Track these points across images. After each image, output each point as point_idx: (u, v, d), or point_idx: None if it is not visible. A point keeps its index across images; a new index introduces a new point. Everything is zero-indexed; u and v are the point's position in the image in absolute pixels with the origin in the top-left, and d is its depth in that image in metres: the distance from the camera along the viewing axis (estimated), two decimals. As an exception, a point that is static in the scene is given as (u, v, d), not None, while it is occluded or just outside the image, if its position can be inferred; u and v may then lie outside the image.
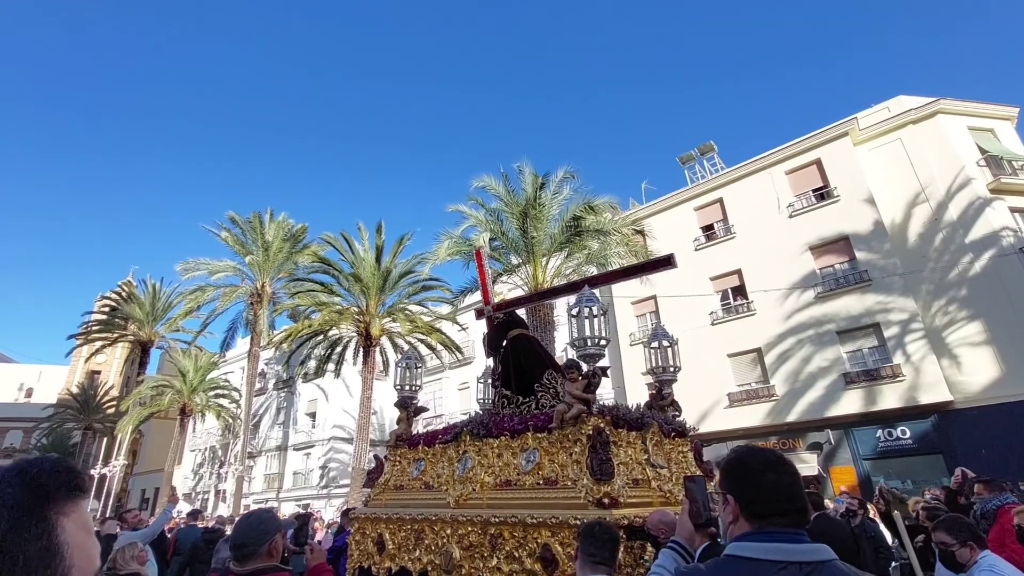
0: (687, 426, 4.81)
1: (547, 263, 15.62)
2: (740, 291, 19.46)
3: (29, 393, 47.95)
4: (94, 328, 34.40)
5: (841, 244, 17.68)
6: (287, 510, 22.74)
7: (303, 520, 2.96)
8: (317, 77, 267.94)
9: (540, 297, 6.17)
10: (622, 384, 21.07)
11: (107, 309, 35.52)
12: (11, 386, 47.97)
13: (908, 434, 15.19)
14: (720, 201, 20.93)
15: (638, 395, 20.47)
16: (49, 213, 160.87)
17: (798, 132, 20.40)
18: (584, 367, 3.96)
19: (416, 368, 5.74)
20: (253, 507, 25.54)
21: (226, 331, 26.94)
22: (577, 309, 4.15)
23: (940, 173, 17.28)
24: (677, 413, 5.02)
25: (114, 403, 35.58)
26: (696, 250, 20.78)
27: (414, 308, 21.49)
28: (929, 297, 16.53)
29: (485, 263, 6.70)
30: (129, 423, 27.02)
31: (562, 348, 23.03)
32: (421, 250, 20.41)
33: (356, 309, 20.07)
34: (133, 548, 4.61)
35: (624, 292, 20.78)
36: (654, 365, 5.28)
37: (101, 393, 38.52)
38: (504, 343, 5.75)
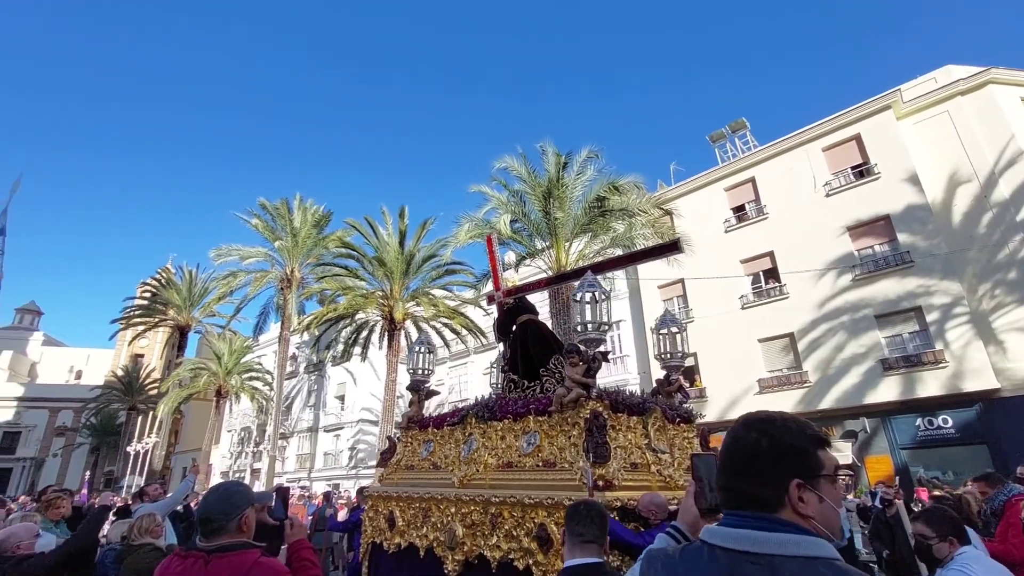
0: (694, 412, 4.81)
1: (570, 246, 15.34)
2: (772, 274, 18.79)
3: (79, 375, 50.42)
4: (136, 313, 35.81)
5: (881, 224, 16.82)
6: (318, 489, 23.37)
7: (282, 494, 2.84)
8: (342, 67, 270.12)
9: (549, 283, 6.21)
10: (648, 370, 20.71)
11: (148, 295, 36.90)
12: (63, 368, 50.53)
13: (950, 423, 14.48)
14: (752, 180, 20.17)
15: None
16: (95, 204, 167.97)
17: (836, 107, 19.41)
18: (585, 351, 3.97)
19: (428, 353, 5.86)
20: (287, 485, 26.40)
21: (258, 315, 27.61)
22: (580, 294, 4.17)
23: (990, 147, 16.20)
24: (684, 399, 5.03)
25: (156, 384, 37.07)
26: (726, 232, 20.13)
27: (438, 292, 21.54)
28: (975, 280, 15.60)
29: (496, 249, 6.85)
30: (168, 404, 28.09)
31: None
32: (444, 234, 20.45)
33: (380, 293, 20.24)
34: (149, 519, 4.68)
35: (651, 276, 20.35)
36: (661, 351, 5.32)
37: (144, 375, 40.16)
38: (513, 328, 5.81)
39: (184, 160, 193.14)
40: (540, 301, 23.09)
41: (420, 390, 5.71)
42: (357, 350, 22.06)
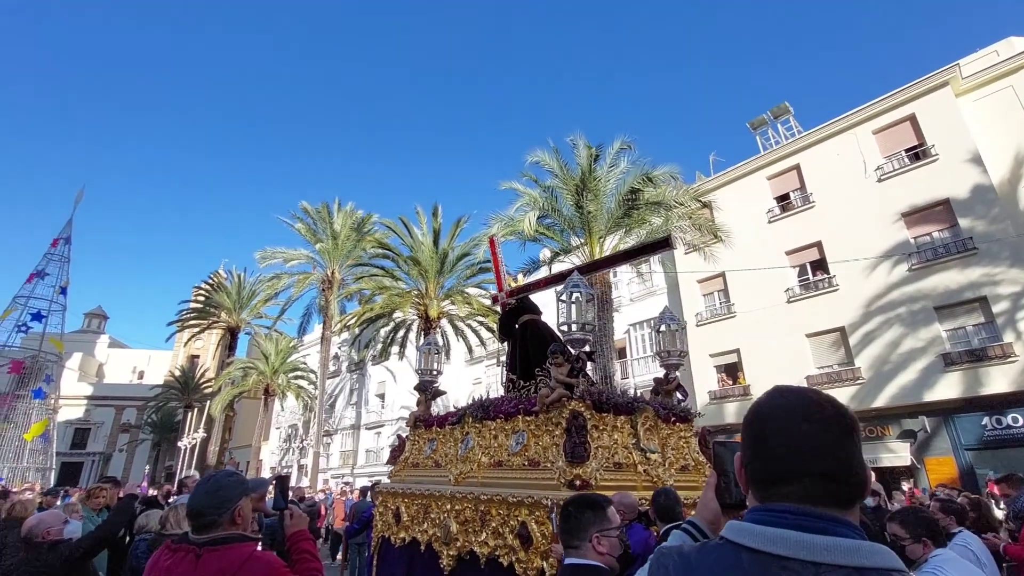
0: (691, 412, 4.77)
1: (604, 241, 15.06)
2: (820, 265, 17.89)
3: (141, 375, 53.47)
4: (190, 316, 37.64)
5: (940, 210, 15.72)
6: (361, 485, 23.92)
7: (282, 482, 2.78)
8: (376, 72, 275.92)
9: (548, 283, 6.22)
10: (688, 367, 20.13)
11: (201, 298, 38.68)
12: (126, 369, 53.75)
13: (1021, 422, 13.36)
14: (797, 168, 19.27)
15: (706, 378, 19.51)
16: (154, 212, 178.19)
17: (887, 87, 18.28)
18: (570, 352, 4.01)
19: (436, 354, 6.04)
20: (331, 482, 27.15)
21: (302, 316, 28.50)
22: (565, 294, 4.19)
23: (1065, 122, 14.85)
24: (682, 398, 4.98)
25: (210, 383, 38.91)
26: (770, 222, 19.31)
27: (472, 291, 21.63)
28: (1050, 266, 14.35)
29: (499, 251, 7.02)
30: (220, 402, 29.39)
31: (623, 330, 22.43)
32: (477, 232, 20.45)
33: (416, 292, 20.51)
34: (184, 509, 4.86)
35: (690, 269, 19.77)
36: (660, 349, 5.29)
37: (199, 374, 42.22)
38: (516, 328, 5.88)
39: (234, 167, 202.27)
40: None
41: (427, 390, 5.83)
42: (395, 349, 22.43)
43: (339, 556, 10.81)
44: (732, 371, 19.26)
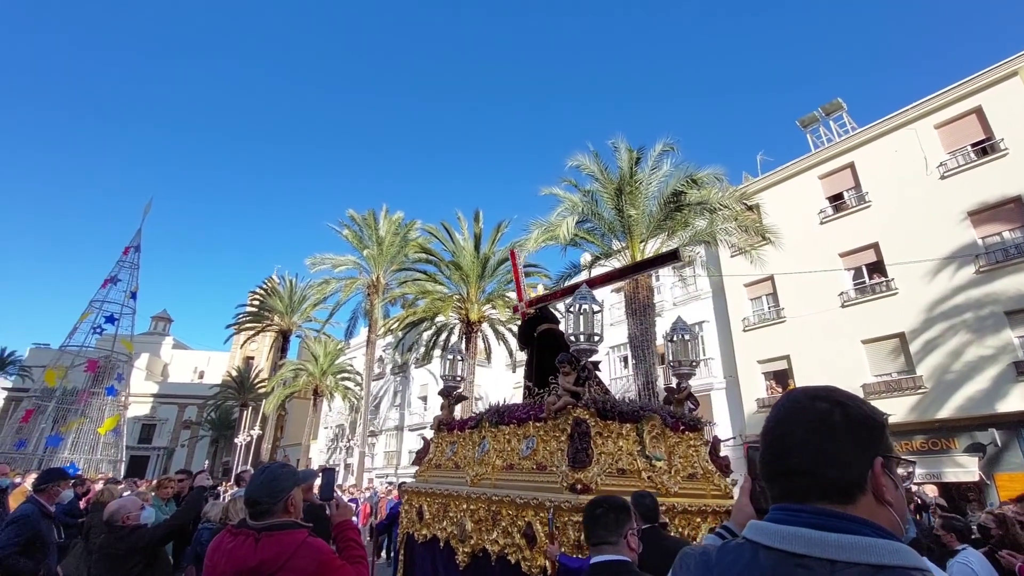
0: (701, 421, 4.84)
1: (646, 245, 14.86)
2: (877, 268, 17.01)
3: (201, 375, 56.51)
4: (246, 319, 39.54)
5: (1011, 207, 14.66)
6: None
7: (329, 474, 2.94)
8: (418, 86, 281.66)
9: (564, 293, 6.42)
10: (734, 373, 19.54)
11: (256, 302, 40.60)
12: (188, 369, 56.97)
13: (1110, 437, 12.25)
14: (851, 166, 18.42)
15: (753, 384, 18.86)
16: (216, 219, 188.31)
17: (949, 79, 17.22)
18: (577, 361, 4.19)
19: (459, 361, 6.30)
20: (376, 481, 27.84)
21: (348, 320, 29.49)
22: (575, 306, 4.38)
23: None
24: (693, 407, 5.04)
25: (263, 384, 40.72)
26: (822, 223, 18.53)
27: (513, 295, 21.76)
28: None
29: (519, 263, 7.32)
30: (273, 401, 30.70)
31: (663, 335, 21.95)
32: (518, 237, 20.57)
33: (457, 296, 20.81)
34: (242, 500, 5.18)
35: (737, 272, 19.22)
36: (671, 359, 5.36)
37: (254, 375, 44.23)
38: (534, 337, 6.06)
39: (288, 178, 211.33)
40: (616, 303, 22.66)
41: (450, 395, 6.09)
42: (437, 352, 22.83)
43: (382, 553, 11.08)
44: (782, 378, 18.55)
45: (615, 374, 23.85)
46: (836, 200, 18.65)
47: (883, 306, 16.27)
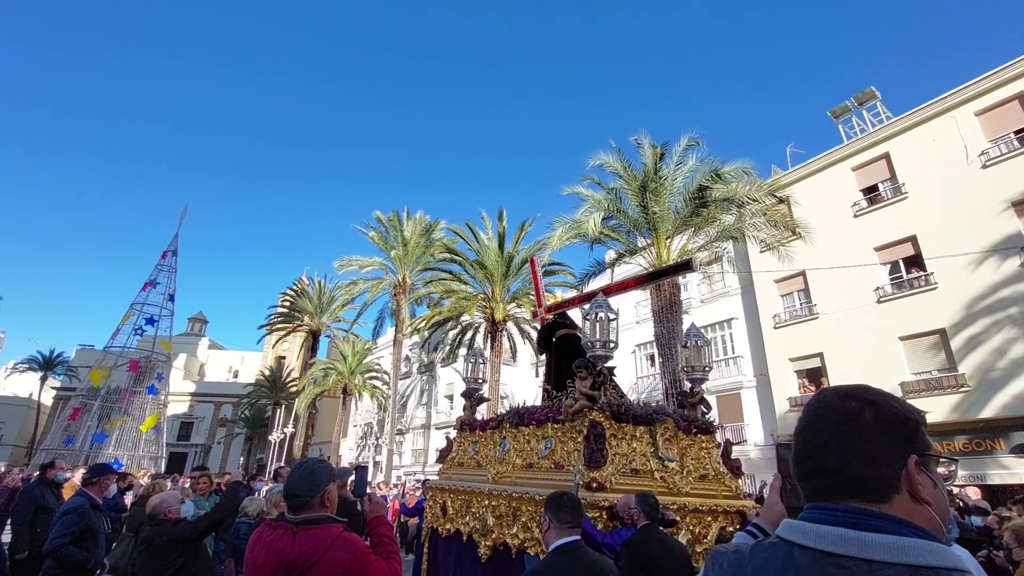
0: (714, 424, 5.07)
1: (671, 242, 14.67)
2: (915, 262, 16.42)
3: (236, 374, 58.20)
4: (277, 320, 40.51)
5: (1061, 196, 13.96)
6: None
7: (362, 472, 3.02)
8: (442, 88, 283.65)
9: (582, 300, 6.63)
10: (765, 371, 19.13)
11: (287, 304, 41.57)
12: (223, 368, 58.77)
13: None
14: (886, 156, 17.81)
15: (785, 383, 18.43)
16: (248, 223, 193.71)
17: (990, 64, 16.47)
18: (593, 366, 4.41)
19: (481, 363, 6.54)
20: (404, 478, 28.22)
21: (375, 320, 29.94)
22: (591, 314, 4.61)
23: None
24: (706, 410, 5.23)
25: (295, 383, 41.71)
26: (856, 216, 17.98)
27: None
28: None
29: (538, 270, 7.63)
30: (304, 399, 31.42)
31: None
32: (542, 235, 20.54)
33: (482, 296, 20.92)
34: (278, 496, 5.35)
35: (767, 268, 18.81)
36: (684, 365, 5.56)
37: (285, 375, 45.32)
38: (553, 342, 6.25)
39: (315, 182, 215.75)
40: (642, 300, 22.44)
41: (472, 396, 6.34)
42: (462, 351, 22.97)
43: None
44: (815, 376, 18.08)
45: (641, 372, 23.63)
46: (871, 192, 18.06)
47: (922, 301, 15.70)
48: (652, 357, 22.76)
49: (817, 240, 15.32)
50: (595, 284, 17.42)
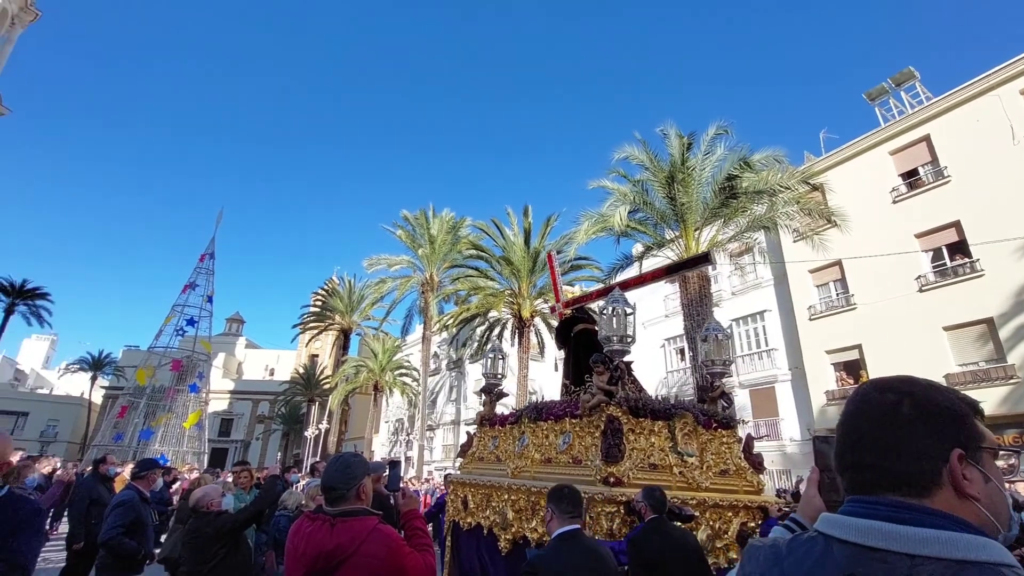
0: (735, 419, 4.98)
1: (700, 234, 14.40)
2: (959, 248, 15.72)
3: (272, 372, 59.92)
4: (310, 319, 41.46)
5: (1121, 175, 13.14)
6: (462, 478, 24.96)
7: (395, 467, 3.10)
8: (466, 86, 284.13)
9: (600, 294, 6.57)
10: (800, 364, 18.63)
11: (319, 303, 42.50)
12: (260, 367, 60.61)
13: None
14: (926, 139, 17.07)
15: (822, 376, 17.93)
16: (280, 226, 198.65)
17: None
18: (611, 361, 4.43)
19: (500, 359, 6.62)
20: (435, 473, 28.61)
21: (404, 317, 30.33)
22: (608, 309, 4.61)
23: None
24: (727, 405, 5.23)
25: (328, 380, 42.66)
26: (894, 202, 17.32)
27: (566, 288, 21.66)
28: None
29: (556, 266, 7.67)
30: (337, 396, 32.13)
31: (726, 326, 21.18)
32: (568, 230, 20.43)
33: (509, 292, 20.96)
34: (315, 489, 5.52)
35: (801, 259, 18.29)
36: (704, 359, 5.45)
37: (319, 372, 46.40)
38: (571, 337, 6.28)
39: (344, 183, 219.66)
40: (671, 294, 22.12)
41: (492, 392, 6.40)
42: (490, 347, 23.10)
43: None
44: (853, 369, 17.52)
45: (671, 367, 23.32)
46: (910, 177, 17.36)
47: (967, 289, 15.03)
48: (682, 351, 22.42)
49: (853, 228, 14.81)
50: (622, 278, 17.26)
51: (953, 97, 16.41)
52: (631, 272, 18.26)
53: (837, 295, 18.35)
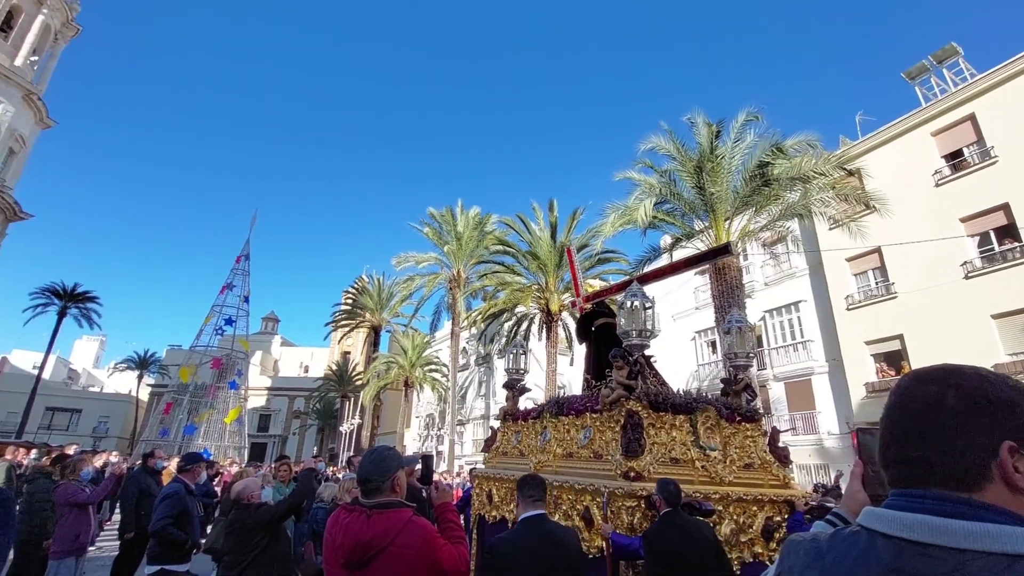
0: (759, 412, 4.94)
1: (731, 223, 14.10)
2: (1008, 232, 14.97)
3: (306, 369, 61.50)
4: (341, 317, 42.32)
5: None
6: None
7: (427, 461, 3.17)
8: (492, 83, 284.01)
9: (620, 288, 6.59)
10: (838, 355, 18.07)
11: (349, 301, 43.33)
12: (295, 364, 62.30)
13: None
14: (971, 118, 16.26)
15: (861, 368, 17.36)
16: (312, 226, 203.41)
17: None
18: (630, 356, 4.44)
19: (522, 355, 6.65)
20: (465, 467, 28.92)
21: (432, 314, 30.66)
22: (626, 303, 4.60)
23: None
24: (751, 398, 5.15)
25: (360, 376, 43.52)
26: (937, 185, 16.58)
27: (593, 282, 21.52)
28: None
29: (575, 260, 7.73)
30: (369, 392, 32.77)
31: (758, 317, 20.73)
32: (594, 223, 20.26)
33: (536, 286, 20.96)
34: (350, 482, 5.67)
35: (837, 247, 17.71)
36: (727, 352, 5.43)
37: (351, 369, 47.38)
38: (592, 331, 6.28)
39: (373, 183, 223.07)
40: (702, 285, 21.72)
41: (514, 387, 6.44)
42: (511, 344, 23.14)
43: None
44: (894, 360, 16.90)
45: (703, 359, 22.93)
46: (954, 158, 16.58)
47: (1017, 275, 14.30)
48: (713, 344, 22.03)
49: (894, 214, 14.25)
50: (651, 269, 17.04)
51: (999, 73, 15.56)
52: (659, 264, 18.02)
53: (877, 284, 17.70)
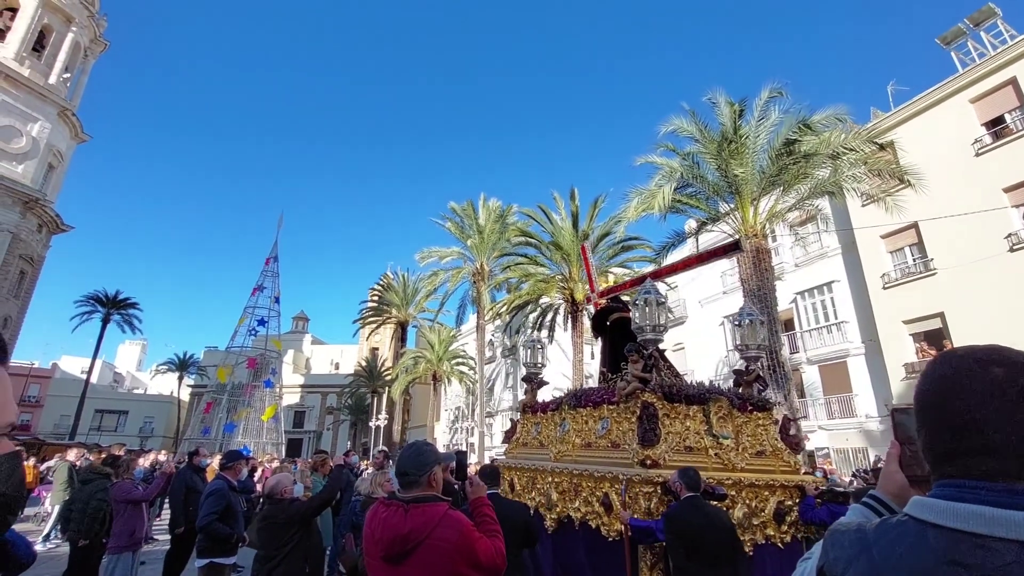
0: (770, 401, 5.15)
1: (758, 204, 13.75)
2: (1057, 201, 14.21)
3: (337, 366, 62.79)
4: (369, 314, 43.01)
5: None
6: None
7: (461, 457, 3.21)
8: (513, 73, 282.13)
9: (633, 284, 6.91)
10: (875, 336, 17.53)
11: (376, 298, 43.97)
12: (326, 361, 63.70)
13: None
14: (1013, 82, 15.48)
15: (899, 348, 16.81)
16: (338, 226, 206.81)
17: None
18: (645, 350, 4.62)
19: (540, 349, 6.78)
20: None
21: (458, 308, 30.87)
22: (640, 299, 4.74)
23: None
24: (763, 387, 5.36)
25: (389, 372, 44.23)
26: (977, 154, 15.86)
27: (617, 270, 21.32)
28: None
29: (590, 256, 7.91)
30: (398, 387, 33.28)
31: (789, 300, 20.20)
32: (616, 210, 20.03)
33: (560, 276, 20.89)
34: (382, 476, 5.79)
35: (872, 223, 17.13)
36: (739, 343, 5.59)
37: (380, 364, 48.18)
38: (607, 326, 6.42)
39: (397, 181, 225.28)
40: (729, 269, 21.28)
41: (532, 380, 6.63)
42: (544, 333, 23.14)
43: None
44: (935, 339, 16.32)
45: (731, 345, 22.53)
46: (996, 125, 15.81)
47: (1069, 245, 13.60)
48: (743, 328, 21.61)
49: (931, 187, 13.69)
50: (675, 256, 16.79)
51: (1044, 32, 14.74)
52: (684, 250, 17.72)
53: (914, 260, 17.08)
